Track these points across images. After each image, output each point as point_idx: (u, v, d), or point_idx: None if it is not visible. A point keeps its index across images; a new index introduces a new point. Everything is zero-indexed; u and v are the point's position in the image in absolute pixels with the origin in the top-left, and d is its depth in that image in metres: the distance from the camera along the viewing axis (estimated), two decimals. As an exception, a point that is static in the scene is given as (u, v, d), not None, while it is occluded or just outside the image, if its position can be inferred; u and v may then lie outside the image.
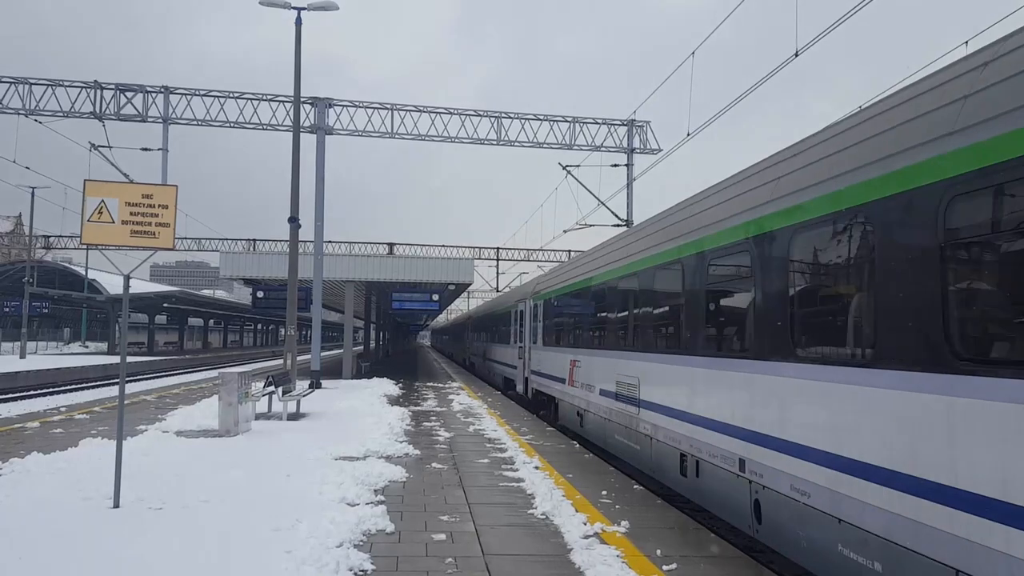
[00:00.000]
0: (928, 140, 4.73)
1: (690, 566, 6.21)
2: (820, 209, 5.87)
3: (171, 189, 8.18)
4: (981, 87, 4.44)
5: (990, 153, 4.15)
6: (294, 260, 21.95)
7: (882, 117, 5.54)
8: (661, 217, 10.96)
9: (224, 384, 13.15)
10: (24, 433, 13.47)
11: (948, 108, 4.68)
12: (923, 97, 5.09)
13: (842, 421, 5.46)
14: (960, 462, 4.27)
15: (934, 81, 5.10)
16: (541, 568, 6.15)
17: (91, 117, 27.19)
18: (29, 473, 9.17)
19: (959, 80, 4.74)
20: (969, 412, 4.21)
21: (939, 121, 4.71)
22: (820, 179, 6.00)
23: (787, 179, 6.66)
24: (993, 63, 4.47)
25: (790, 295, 6.35)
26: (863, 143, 5.57)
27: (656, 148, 30.33)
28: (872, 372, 5.10)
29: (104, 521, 7.04)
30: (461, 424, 15.76)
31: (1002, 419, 3.97)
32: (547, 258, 50.77)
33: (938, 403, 4.46)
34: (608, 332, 12.55)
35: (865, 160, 5.41)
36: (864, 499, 5.12)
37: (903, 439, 4.78)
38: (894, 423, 4.87)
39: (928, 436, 4.54)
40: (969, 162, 4.30)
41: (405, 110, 29.12)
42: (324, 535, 6.54)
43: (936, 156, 4.59)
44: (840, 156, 5.85)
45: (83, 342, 76.47)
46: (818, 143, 6.50)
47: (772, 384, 6.53)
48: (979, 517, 4.09)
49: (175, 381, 32.44)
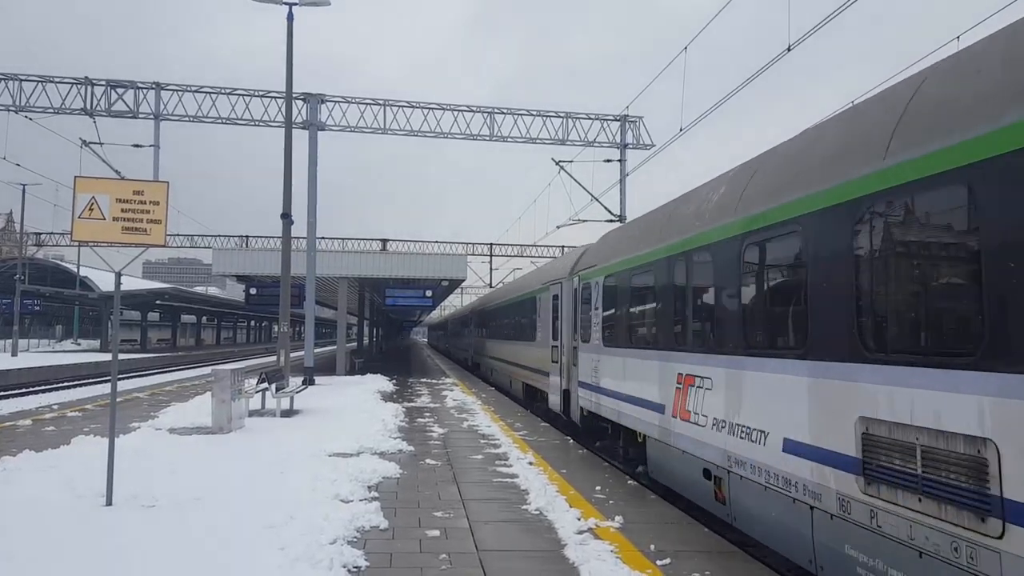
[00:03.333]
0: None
1: (684, 561, 6.22)
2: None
3: (162, 185, 8.14)
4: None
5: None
6: (287, 256, 21.88)
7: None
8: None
9: (217, 381, 13.12)
10: (16, 431, 13.41)
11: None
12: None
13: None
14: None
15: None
16: (535, 564, 6.16)
17: (81, 113, 27.03)
18: (21, 471, 9.12)
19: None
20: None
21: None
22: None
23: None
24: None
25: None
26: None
27: (649, 144, 30.37)
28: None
29: (97, 519, 7.01)
30: (455, 420, 15.76)
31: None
32: (540, 254, 50.81)
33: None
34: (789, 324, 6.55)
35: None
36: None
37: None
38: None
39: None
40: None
41: (398, 106, 29.06)
42: (318, 531, 6.53)
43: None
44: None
45: (75, 339, 76.22)
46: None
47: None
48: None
49: (168, 378, 32.35)
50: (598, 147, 30.16)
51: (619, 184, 29.45)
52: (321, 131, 26.76)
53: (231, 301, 75.51)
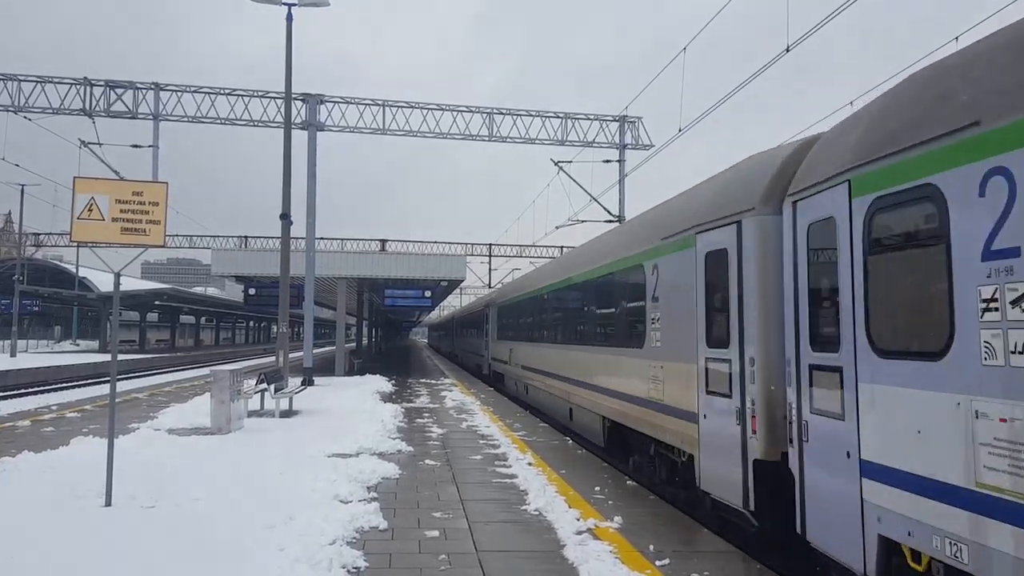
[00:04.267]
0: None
1: (683, 561, 6.23)
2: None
3: (161, 186, 8.14)
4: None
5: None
6: (286, 257, 21.89)
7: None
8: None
9: (216, 382, 13.12)
10: (15, 432, 13.40)
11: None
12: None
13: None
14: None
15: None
16: (534, 564, 6.17)
17: (80, 114, 27.03)
18: (20, 472, 9.12)
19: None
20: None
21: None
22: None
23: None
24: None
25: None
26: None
27: (648, 144, 30.39)
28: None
29: (96, 519, 7.01)
30: (454, 420, 15.77)
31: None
32: (539, 254, 50.82)
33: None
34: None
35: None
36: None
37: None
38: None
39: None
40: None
41: (397, 106, 29.08)
42: (317, 532, 6.53)
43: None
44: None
45: (74, 340, 76.14)
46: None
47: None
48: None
49: (167, 379, 32.32)
50: (597, 147, 30.19)
51: (618, 184, 29.48)
52: (320, 131, 26.78)
53: (230, 301, 75.51)
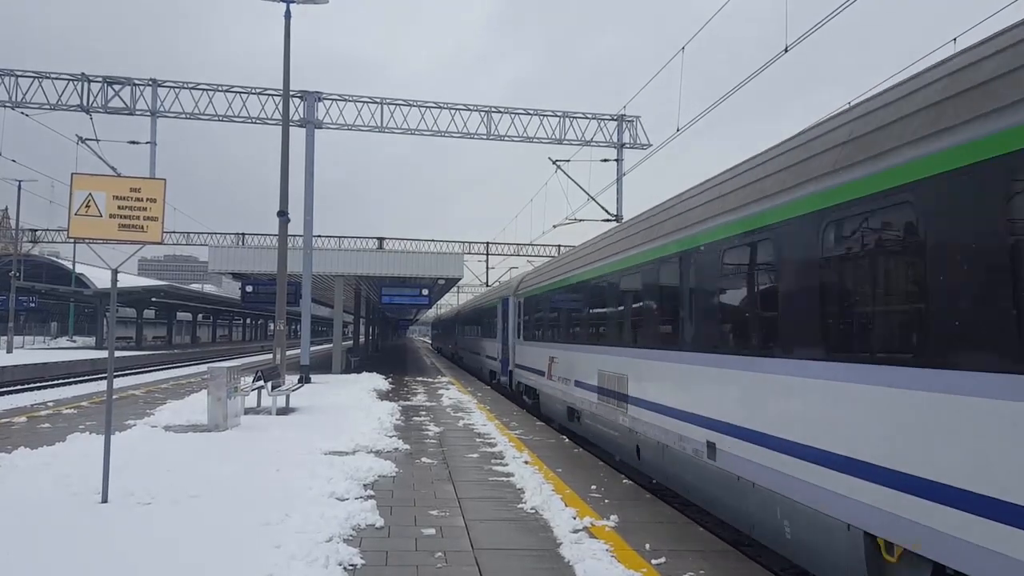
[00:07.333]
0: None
1: (679, 560, 6.24)
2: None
3: (159, 183, 8.13)
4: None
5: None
6: (283, 254, 21.87)
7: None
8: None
9: (213, 379, 13.11)
10: (11, 428, 13.38)
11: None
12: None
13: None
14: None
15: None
16: (531, 562, 6.18)
17: (78, 110, 26.94)
18: (16, 468, 9.11)
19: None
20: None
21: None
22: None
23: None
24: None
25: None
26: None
27: (646, 143, 30.38)
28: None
29: (92, 516, 7.00)
30: (451, 419, 15.77)
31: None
32: (537, 253, 50.78)
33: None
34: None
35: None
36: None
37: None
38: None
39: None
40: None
41: (395, 104, 29.03)
42: (314, 530, 6.54)
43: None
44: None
45: (71, 336, 75.98)
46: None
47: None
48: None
49: (164, 376, 32.29)
50: (595, 146, 30.17)
51: (616, 183, 29.48)
52: (318, 129, 26.74)
53: (227, 299, 75.43)
